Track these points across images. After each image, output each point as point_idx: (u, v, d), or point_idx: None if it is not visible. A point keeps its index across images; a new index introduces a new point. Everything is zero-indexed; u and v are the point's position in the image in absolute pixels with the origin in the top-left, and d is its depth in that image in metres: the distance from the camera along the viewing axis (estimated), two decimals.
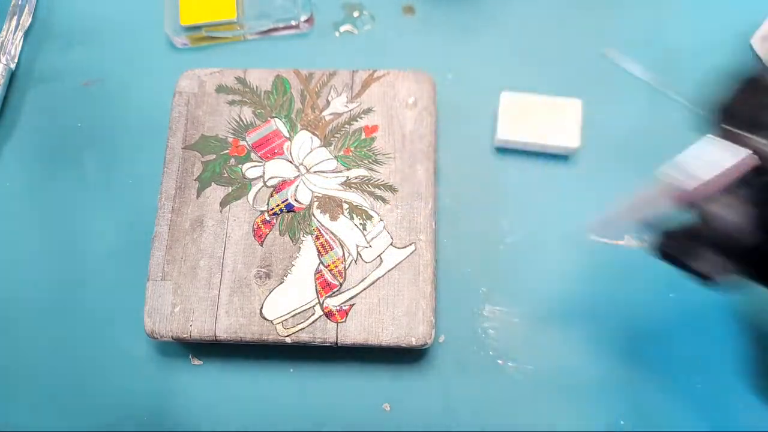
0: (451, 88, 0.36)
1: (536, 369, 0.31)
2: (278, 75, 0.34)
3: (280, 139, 0.32)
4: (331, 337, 0.28)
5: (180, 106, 0.33)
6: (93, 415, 0.31)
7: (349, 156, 0.32)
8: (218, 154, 0.32)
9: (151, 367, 0.31)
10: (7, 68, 0.36)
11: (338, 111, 0.33)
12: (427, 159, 0.32)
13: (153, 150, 0.34)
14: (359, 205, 0.31)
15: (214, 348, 0.31)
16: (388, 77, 0.33)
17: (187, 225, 0.31)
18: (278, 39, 0.38)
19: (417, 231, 0.30)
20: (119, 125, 0.36)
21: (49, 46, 0.38)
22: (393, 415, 0.30)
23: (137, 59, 0.37)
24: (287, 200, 0.31)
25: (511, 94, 0.33)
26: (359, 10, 0.38)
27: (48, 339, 0.32)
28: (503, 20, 0.38)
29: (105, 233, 0.34)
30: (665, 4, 0.38)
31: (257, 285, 0.29)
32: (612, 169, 0.34)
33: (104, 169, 0.35)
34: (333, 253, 0.30)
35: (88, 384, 0.31)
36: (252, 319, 0.29)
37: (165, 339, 0.29)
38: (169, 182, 0.31)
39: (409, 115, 0.32)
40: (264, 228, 0.31)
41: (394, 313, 0.29)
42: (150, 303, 0.29)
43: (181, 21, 0.36)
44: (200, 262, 0.30)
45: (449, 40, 0.37)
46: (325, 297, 0.29)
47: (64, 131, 0.36)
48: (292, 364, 0.31)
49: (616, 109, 0.35)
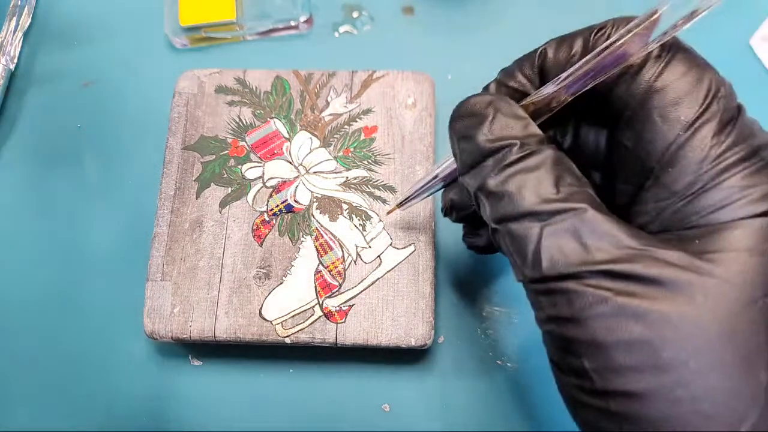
0: (451, 88, 0.36)
1: (536, 369, 0.31)
2: (278, 75, 0.34)
3: (280, 140, 0.32)
4: (330, 338, 0.28)
5: (179, 107, 0.33)
6: (92, 415, 0.31)
7: (349, 156, 0.32)
8: (218, 155, 0.32)
9: (150, 368, 0.31)
10: (7, 69, 0.36)
11: (338, 111, 0.33)
12: (426, 159, 0.32)
13: (152, 150, 0.34)
14: (359, 206, 0.31)
15: (214, 348, 0.31)
16: (388, 78, 0.33)
17: (187, 225, 0.31)
18: (278, 39, 0.38)
19: (416, 232, 0.30)
20: (119, 125, 0.36)
21: (48, 46, 0.38)
22: (393, 415, 0.30)
23: (137, 60, 0.37)
24: (287, 201, 0.31)
25: None
26: (359, 10, 0.38)
27: (46, 339, 0.32)
28: (503, 20, 0.38)
29: (104, 233, 0.34)
30: None
31: (257, 285, 0.29)
32: None
33: (104, 169, 0.35)
34: (332, 253, 0.30)
35: (87, 385, 0.31)
36: (251, 320, 0.29)
37: (164, 339, 0.29)
38: (168, 183, 0.31)
39: (408, 116, 0.32)
40: (263, 228, 0.31)
41: (394, 314, 0.29)
42: (149, 304, 0.29)
43: (181, 21, 0.36)
44: (200, 263, 0.30)
45: (449, 40, 0.37)
46: (325, 297, 0.29)
47: (64, 131, 0.36)
48: (292, 365, 0.31)
49: None
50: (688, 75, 0.19)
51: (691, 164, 0.18)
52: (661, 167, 0.18)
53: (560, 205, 0.18)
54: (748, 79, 0.36)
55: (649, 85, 0.19)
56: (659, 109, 0.18)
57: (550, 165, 0.18)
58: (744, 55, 0.37)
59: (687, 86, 0.18)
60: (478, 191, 0.20)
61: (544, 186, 0.18)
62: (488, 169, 0.19)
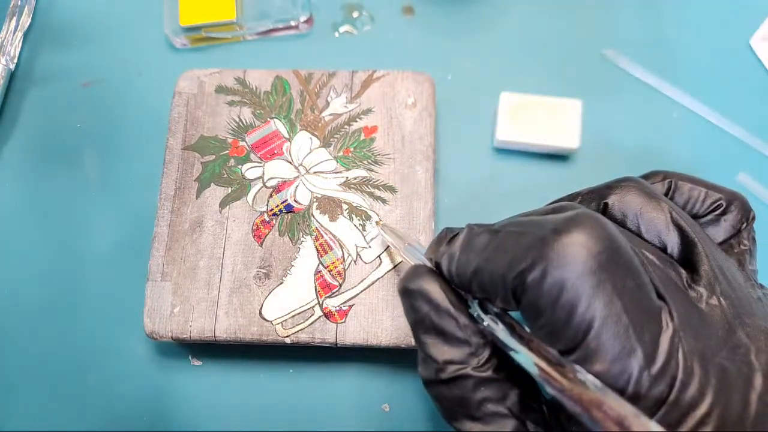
0: (451, 88, 0.36)
1: None
2: (278, 75, 0.34)
3: (280, 140, 0.32)
4: (330, 338, 0.28)
5: (179, 107, 0.33)
6: (92, 415, 0.31)
7: (349, 156, 0.32)
8: (218, 155, 0.32)
9: (150, 368, 0.31)
10: (7, 69, 0.36)
11: (338, 111, 0.33)
12: (426, 159, 0.32)
13: (152, 150, 0.34)
14: (359, 206, 0.31)
15: (214, 348, 0.31)
16: (388, 78, 0.33)
17: (187, 225, 0.31)
18: (278, 39, 0.38)
19: (416, 231, 0.30)
20: (119, 125, 0.36)
21: (48, 46, 0.38)
22: (392, 415, 0.30)
23: (137, 60, 0.37)
24: (287, 201, 0.31)
25: (511, 95, 0.33)
26: (359, 10, 0.38)
27: (46, 340, 0.32)
28: (503, 20, 0.38)
29: (104, 233, 0.34)
30: (665, 4, 0.38)
31: (257, 285, 0.29)
32: (612, 169, 0.34)
33: (104, 170, 0.35)
34: (332, 253, 0.30)
35: (87, 384, 0.31)
36: (251, 320, 0.29)
37: (164, 339, 0.29)
38: (168, 183, 0.31)
39: (408, 116, 0.32)
40: (263, 228, 0.31)
41: (394, 314, 0.29)
42: (149, 303, 0.29)
43: (181, 21, 0.36)
44: (200, 263, 0.30)
45: (449, 40, 0.37)
46: (325, 297, 0.29)
47: (64, 131, 0.36)
48: (292, 365, 0.31)
49: (616, 109, 0.35)
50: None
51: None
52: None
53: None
54: (748, 79, 0.36)
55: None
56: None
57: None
58: (744, 55, 0.37)
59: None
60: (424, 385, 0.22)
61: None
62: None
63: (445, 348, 0.20)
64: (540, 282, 0.17)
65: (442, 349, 0.20)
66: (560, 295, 0.17)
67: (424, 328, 0.21)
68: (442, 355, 0.20)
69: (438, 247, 0.22)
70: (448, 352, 0.20)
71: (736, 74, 0.36)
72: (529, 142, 0.33)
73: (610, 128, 0.35)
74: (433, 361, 0.21)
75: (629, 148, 0.35)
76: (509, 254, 0.18)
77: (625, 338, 0.17)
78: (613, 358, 0.17)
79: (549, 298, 0.17)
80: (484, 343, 0.20)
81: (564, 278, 0.17)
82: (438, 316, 0.20)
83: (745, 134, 0.35)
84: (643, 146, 0.35)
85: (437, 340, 0.21)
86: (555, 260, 0.17)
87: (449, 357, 0.20)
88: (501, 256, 0.19)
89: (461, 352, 0.20)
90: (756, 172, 0.34)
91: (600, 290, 0.17)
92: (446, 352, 0.20)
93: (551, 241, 0.18)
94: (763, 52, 0.36)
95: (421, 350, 0.21)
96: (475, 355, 0.20)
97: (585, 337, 0.17)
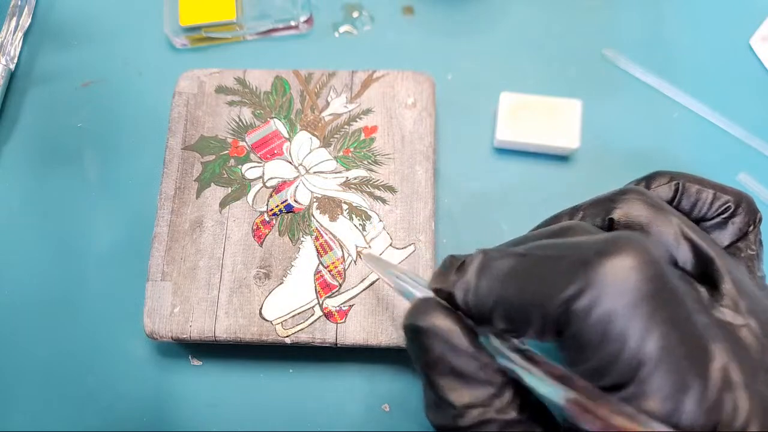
0: (450, 88, 0.36)
1: None
2: (278, 75, 0.34)
3: (280, 140, 0.32)
4: (330, 338, 0.28)
5: (179, 107, 0.33)
6: (92, 415, 0.31)
7: (349, 156, 0.32)
8: (218, 155, 0.32)
9: (150, 368, 0.31)
10: (7, 69, 0.36)
11: (338, 111, 0.33)
12: (426, 159, 0.32)
13: (152, 150, 0.34)
14: (359, 206, 0.31)
15: (214, 348, 0.31)
16: (388, 78, 0.33)
17: (187, 225, 0.31)
18: (278, 39, 0.38)
19: (416, 231, 0.30)
20: (119, 125, 0.36)
21: (48, 46, 0.38)
22: (393, 416, 0.30)
23: (137, 60, 0.37)
24: (287, 201, 0.31)
25: (511, 95, 0.33)
26: (359, 10, 0.38)
27: (46, 339, 0.32)
28: (503, 20, 0.38)
29: (104, 233, 0.34)
30: (665, 4, 0.38)
31: (257, 285, 0.29)
32: (611, 169, 0.34)
33: (104, 170, 0.35)
34: (332, 253, 0.30)
35: (87, 384, 0.31)
36: (251, 320, 0.29)
37: (164, 339, 0.29)
38: (168, 183, 0.31)
39: (408, 116, 0.32)
40: (263, 228, 0.31)
41: (394, 314, 0.29)
42: (149, 304, 0.29)
43: (181, 21, 0.36)
44: (200, 263, 0.30)
45: (449, 40, 0.37)
46: (325, 297, 0.29)
47: (64, 131, 0.36)
48: (292, 365, 0.31)
49: (616, 109, 0.35)
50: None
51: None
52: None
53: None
54: (748, 79, 0.36)
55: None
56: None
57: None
58: (744, 55, 0.37)
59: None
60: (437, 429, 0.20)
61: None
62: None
63: (464, 391, 0.18)
64: (588, 312, 0.16)
65: (461, 393, 0.18)
66: (610, 326, 0.15)
67: (440, 370, 0.19)
68: (461, 399, 0.18)
69: (447, 277, 0.20)
70: (467, 395, 0.18)
71: (736, 74, 0.36)
72: (529, 142, 0.33)
73: (610, 128, 0.35)
74: (450, 406, 0.18)
75: (629, 148, 0.35)
76: (547, 280, 0.17)
77: (681, 374, 0.15)
78: (667, 396, 0.15)
79: (598, 330, 0.16)
80: (505, 381, 0.18)
81: (615, 307, 0.15)
82: (456, 356, 0.18)
83: (745, 134, 0.35)
84: (643, 146, 0.35)
85: (455, 382, 0.18)
86: (605, 287, 0.16)
87: (469, 401, 0.18)
88: (535, 283, 0.17)
89: (483, 394, 0.18)
90: (756, 172, 0.34)
91: (654, 321, 0.15)
92: (466, 395, 0.18)
93: (597, 266, 0.16)
94: (763, 52, 0.36)
95: (433, 394, 0.19)
96: (497, 396, 0.18)
97: (636, 373, 0.15)
